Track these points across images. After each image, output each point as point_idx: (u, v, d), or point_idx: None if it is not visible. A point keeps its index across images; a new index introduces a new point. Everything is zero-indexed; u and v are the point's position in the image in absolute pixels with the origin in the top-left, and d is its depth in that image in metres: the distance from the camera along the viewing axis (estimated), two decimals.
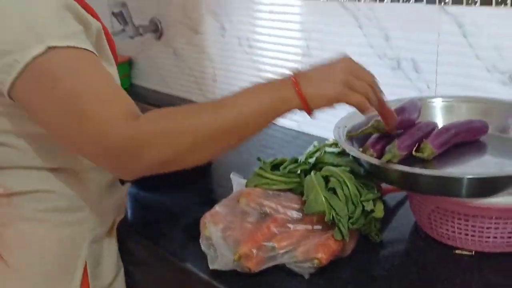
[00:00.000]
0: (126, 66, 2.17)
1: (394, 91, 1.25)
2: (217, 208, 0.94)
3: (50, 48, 0.73)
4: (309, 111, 0.82)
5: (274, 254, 0.85)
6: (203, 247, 0.89)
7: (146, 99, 1.99)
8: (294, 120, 1.56)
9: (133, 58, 2.16)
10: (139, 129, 0.74)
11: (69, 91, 0.74)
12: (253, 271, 0.84)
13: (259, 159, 1.03)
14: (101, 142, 0.74)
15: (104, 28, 0.89)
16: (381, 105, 0.89)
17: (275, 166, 1.01)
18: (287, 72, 0.85)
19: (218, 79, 1.80)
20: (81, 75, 0.76)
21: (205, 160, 0.82)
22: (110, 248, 1.01)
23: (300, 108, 0.81)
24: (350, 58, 0.87)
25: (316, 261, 0.83)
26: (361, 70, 0.86)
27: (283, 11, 1.50)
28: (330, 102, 0.82)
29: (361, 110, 0.85)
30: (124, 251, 1.04)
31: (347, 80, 0.83)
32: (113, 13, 1.93)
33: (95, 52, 0.79)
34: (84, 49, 0.77)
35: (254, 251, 0.84)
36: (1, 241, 0.90)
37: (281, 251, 0.85)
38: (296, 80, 0.80)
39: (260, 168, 1.00)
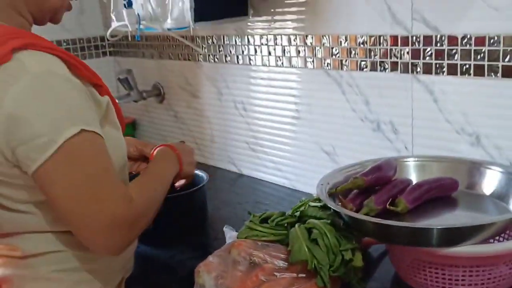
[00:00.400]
0: (130, 128, 2.31)
1: (375, 151, 1.38)
2: (211, 258, 1.04)
3: (82, 130, 0.84)
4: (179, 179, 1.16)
5: None
6: None
7: None
8: (287, 179, 1.67)
9: (137, 120, 2.30)
10: (137, 207, 0.90)
11: (90, 172, 0.85)
12: None
13: (249, 213, 1.13)
14: (109, 218, 0.85)
15: (111, 98, 1.02)
16: None
17: (264, 220, 1.11)
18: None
19: (216, 140, 1.92)
20: (100, 158, 0.88)
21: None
22: None
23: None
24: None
25: None
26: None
27: (274, 78, 1.64)
28: (190, 176, 1.20)
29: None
30: None
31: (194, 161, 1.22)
32: (119, 79, 2.08)
33: (103, 136, 0.90)
34: (99, 135, 0.88)
35: None
36: None
37: None
38: (179, 155, 1.15)
39: (251, 221, 1.10)
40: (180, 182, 1.18)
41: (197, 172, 1.36)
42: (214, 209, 1.48)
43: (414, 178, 1.20)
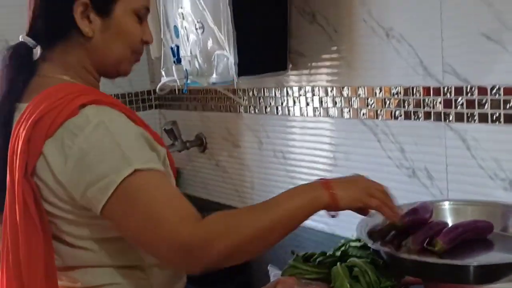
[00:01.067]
0: None
1: (411, 196, 1.44)
2: None
3: (136, 170, 0.94)
4: (337, 208, 1.01)
5: None
6: None
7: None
8: (326, 224, 1.74)
9: (180, 169, 2.41)
10: (206, 228, 0.92)
11: (150, 201, 0.94)
12: None
13: (292, 252, 1.20)
14: (176, 241, 0.91)
15: (167, 151, 1.12)
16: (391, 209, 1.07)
17: (307, 259, 1.18)
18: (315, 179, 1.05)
19: (255, 187, 2.01)
20: (158, 189, 0.96)
21: (258, 254, 1.00)
22: None
23: (330, 206, 1.00)
24: (364, 176, 1.09)
25: None
26: (377, 184, 1.08)
27: (312, 127, 1.74)
28: (355, 202, 1.02)
29: (380, 212, 1.04)
30: None
31: (368, 188, 1.05)
32: (165, 130, 2.22)
33: (163, 171, 1.00)
34: (158, 170, 0.98)
35: None
36: None
37: None
38: (327, 182, 1.01)
39: (294, 260, 1.17)
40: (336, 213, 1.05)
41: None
42: None
43: (449, 221, 1.25)
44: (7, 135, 1.00)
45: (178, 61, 1.76)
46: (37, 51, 1.06)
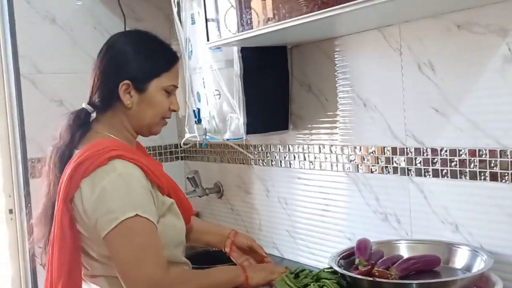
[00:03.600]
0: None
1: (384, 236, 1.75)
2: None
3: (137, 215, 1.30)
4: (249, 285, 1.46)
5: None
6: None
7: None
8: (319, 261, 2.04)
9: (200, 212, 2.76)
10: (171, 278, 1.33)
11: (139, 244, 1.29)
12: None
13: (286, 267, 1.55)
14: (149, 280, 1.28)
15: (182, 195, 1.49)
16: None
17: (297, 274, 1.51)
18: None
19: (262, 228, 2.34)
20: (147, 237, 1.31)
21: None
22: None
23: (243, 282, 1.45)
24: (272, 264, 1.63)
25: None
26: (277, 267, 1.57)
27: (309, 178, 2.07)
28: (262, 280, 1.49)
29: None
30: None
31: (271, 269, 1.53)
32: (187, 178, 2.58)
33: (157, 226, 1.34)
34: (152, 221, 1.32)
35: None
36: None
37: None
38: (244, 268, 1.50)
39: (286, 275, 1.48)
40: None
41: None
42: None
43: (406, 255, 1.56)
44: None
45: (199, 121, 2.15)
46: (93, 115, 1.46)
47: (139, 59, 1.44)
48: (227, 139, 2.09)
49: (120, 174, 1.32)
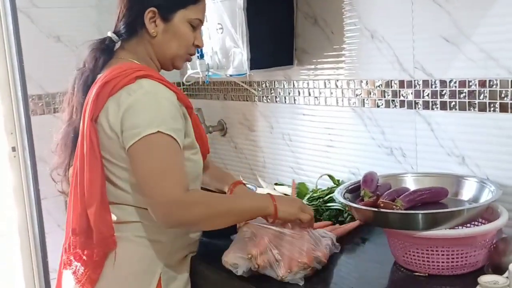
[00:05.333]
0: None
1: (389, 170, 1.74)
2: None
3: (158, 132, 1.27)
4: (276, 218, 1.38)
5: None
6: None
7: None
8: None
9: None
10: (190, 197, 1.28)
11: (159, 160, 1.27)
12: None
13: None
14: (165, 197, 1.25)
15: (201, 130, 1.45)
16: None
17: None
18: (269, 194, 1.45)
19: (267, 166, 2.33)
20: (168, 153, 1.29)
21: (212, 228, 1.40)
22: (182, 274, 1.47)
23: (271, 214, 1.37)
24: (300, 200, 1.55)
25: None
26: (307, 206, 1.49)
27: (314, 114, 2.04)
28: (290, 216, 1.39)
29: (307, 225, 1.41)
30: (193, 275, 1.51)
31: (301, 207, 1.42)
32: None
33: (181, 145, 1.31)
34: (175, 139, 1.30)
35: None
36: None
37: None
38: (274, 198, 1.38)
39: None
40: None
41: (251, 186, 1.78)
42: None
43: (413, 188, 1.55)
44: None
45: (201, 56, 2.10)
46: (118, 43, 1.44)
47: None
48: (230, 75, 2.05)
49: (148, 91, 1.30)
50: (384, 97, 1.75)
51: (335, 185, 1.86)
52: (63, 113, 1.47)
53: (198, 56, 2.12)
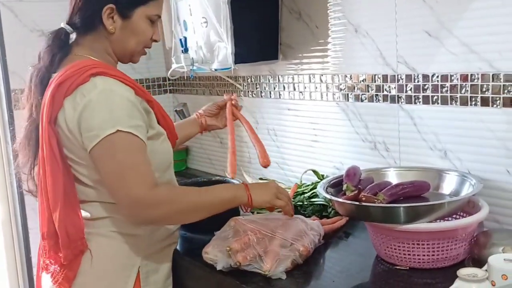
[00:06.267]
0: (184, 153, 2.75)
1: (373, 165, 1.74)
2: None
3: (118, 131, 1.25)
4: (251, 207, 1.38)
5: None
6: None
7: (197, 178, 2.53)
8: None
9: (189, 146, 2.74)
10: (157, 195, 1.26)
11: (122, 161, 1.25)
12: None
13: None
14: (130, 197, 1.24)
15: (164, 113, 1.44)
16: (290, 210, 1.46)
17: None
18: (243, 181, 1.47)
19: (252, 161, 2.33)
20: (131, 152, 1.27)
21: (184, 223, 1.42)
22: (163, 265, 1.47)
23: (246, 204, 1.37)
24: (275, 182, 1.50)
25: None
26: (282, 189, 1.45)
27: (298, 109, 2.04)
28: (264, 203, 1.40)
29: (284, 211, 1.43)
30: (176, 269, 1.50)
31: (276, 193, 1.41)
32: (176, 111, 2.54)
33: (144, 141, 1.29)
34: (137, 136, 1.27)
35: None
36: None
37: None
38: (247, 186, 1.38)
39: None
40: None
41: (234, 180, 1.77)
42: None
43: (395, 182, 1.55)
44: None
45: (186, 50, 2.09)
46: (73, 36, 1.40)
47: None
48: (215, 69, 2.04)
49: (102, 90, 1.28)
50: (368, 91, 1.75)
51: (319, 180, 1.86)
52: (23, 110, 1.43)
53: (182, 51, 2.10)
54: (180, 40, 2.10)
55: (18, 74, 2.28)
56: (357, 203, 1.35)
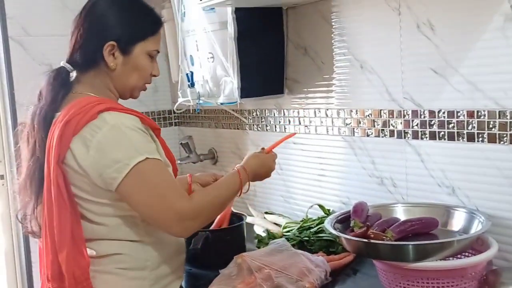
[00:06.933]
0: None
1: (379, 201, 1.73)
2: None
3: (147, 158, 1.28)
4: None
5: None
6: None
7: None
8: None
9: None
10: (195, 204, 1.30)
11: (157, 182, 1.28)
12: None
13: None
14: (175, 211, 1.27)
15: (164, 143, 1.43)
16: None
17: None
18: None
19: (257, 194, 2.32)
20: (162, 173, 1.30)
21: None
22: None
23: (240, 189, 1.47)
24: (272, 158, 1.63)
25: None
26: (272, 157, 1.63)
27: (304, 143, 2.05)
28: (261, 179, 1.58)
29: None
30: None
31: (272, 166, 1.61)
32: (181, 144, 2.55)
33: (163, 161, 1.33)
34: (160, 160, 1.31)
35: None
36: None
37: None
38: (247, 173, 1.51)
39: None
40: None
41: (239, 212, 1.76)
42: (250, 243, 1.85)
43: (403, 218, 1.54)
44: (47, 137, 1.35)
45: (192, 85, 2.11)
46: (73, 74, 1.42)
47: (126, 21, 1.41)
48: (221, 103, 2.05)
49: (113, 126, 1.28)
50: (374, 126, 1.75)
51: (326, 215, 1.85)
52: (23, 150, 1.42)
53: (189, 85, 2.12)
54: (187, 74, 2.12)
55: (26, 107, 2.30)
56: (365, 240, 1.34)
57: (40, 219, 1.38)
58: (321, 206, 1.91)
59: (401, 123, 1.67)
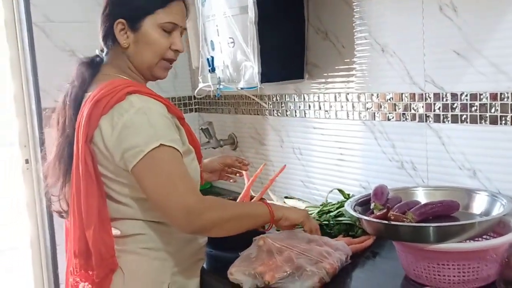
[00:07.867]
0: None
1: (400, 184, 1.73)
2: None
3: (161, 145, 1.28)
4: (275, 224, 1.43)
5: None
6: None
7: (224, 196, 2.54)
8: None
9: None
10: (205, 202, 1.29)
11: (168, 171, 1.28)
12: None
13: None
14: (182, 204, 1.26)
15: (190, 130, 1.46)
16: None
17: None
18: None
19: (277, 179, 2.31)
20: (175, 164, 1.30)
21: (224, 235, 1.36)
22: (192, 280, 1.48)
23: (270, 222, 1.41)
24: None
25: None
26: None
27: (324, 127, 2.05)
28: (292, 223, 1.45)
29: (309, 232, 1.48)
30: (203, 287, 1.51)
31: (307, 216, 1.48)
32: (201, 129, 2.57)
33: (182, 154, 1.33)
34: (178, 149, 1.31)
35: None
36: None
37: None
38: (269, 206, 1.42)
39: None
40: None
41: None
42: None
43: (424, 201, 1.54)
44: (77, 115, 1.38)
45: (213, 70, 2.12)
46: (104, 57, 1.45)
47: None
48: (241, 88, 2.06)
49: (140, 108, 1.30)
50: (395, 110, 1.75)
51: (345, 199, 1.85)
52: (54, 128, 1.46)
53: (209, 70, 2.13)
54: (207, 59, 2.13)
55: (49, 93, 2.34)
56: (386, 222, 1.34)
57: (68, 198, 1.41)
58: (340, 191, 1.91)
59: (422, 106, 1.66)
